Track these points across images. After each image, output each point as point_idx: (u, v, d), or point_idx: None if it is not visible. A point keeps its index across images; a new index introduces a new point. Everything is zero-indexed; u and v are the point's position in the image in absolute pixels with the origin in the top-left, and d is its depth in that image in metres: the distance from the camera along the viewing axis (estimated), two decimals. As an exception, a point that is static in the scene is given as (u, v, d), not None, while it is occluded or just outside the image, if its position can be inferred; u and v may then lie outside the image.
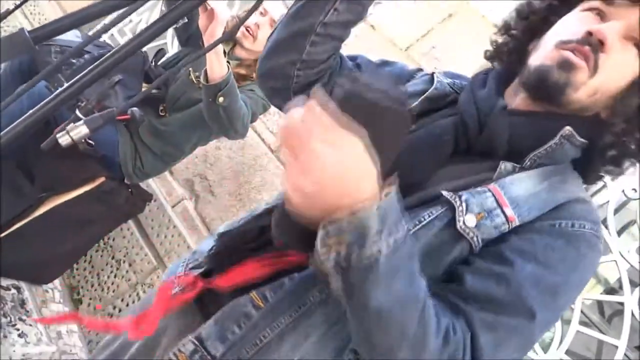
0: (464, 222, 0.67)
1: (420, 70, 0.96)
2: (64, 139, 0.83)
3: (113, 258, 2.27)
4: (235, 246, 0.77)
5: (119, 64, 0.43)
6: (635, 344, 1.73)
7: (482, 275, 0.66)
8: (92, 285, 2.25)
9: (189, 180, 2.32)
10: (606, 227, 1.78)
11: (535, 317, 0.64)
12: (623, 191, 1.83)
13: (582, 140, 0.75)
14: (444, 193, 0.70)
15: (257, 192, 2.19)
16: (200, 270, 0.79)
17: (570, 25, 0.76)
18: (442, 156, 0.75)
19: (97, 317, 2.14)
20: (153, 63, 2.05)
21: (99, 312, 2.16)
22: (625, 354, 1.63)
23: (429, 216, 0.69)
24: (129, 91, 1.83)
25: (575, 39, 0.72)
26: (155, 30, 0.44)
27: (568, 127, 0.74)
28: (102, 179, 1.88)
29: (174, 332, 0.79)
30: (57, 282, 2.24)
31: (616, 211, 1.88)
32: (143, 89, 1.91)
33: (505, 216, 0.68)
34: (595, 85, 0.73)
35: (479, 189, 0.71)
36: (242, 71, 1.99)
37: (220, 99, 1.66)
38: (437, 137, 0.77)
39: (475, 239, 0.68)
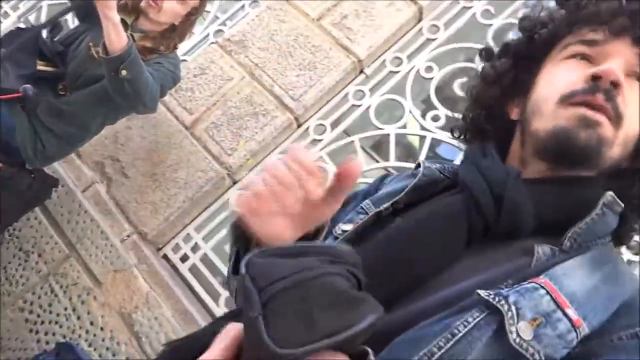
0: (517, 334, 0.49)
1: (388, 175, 0.84)
2: None
3: (20, 249, 2.12)
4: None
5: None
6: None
7: None
8: (-1, 280, 2.10)
9: (99, 163, 2.20)
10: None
11: None
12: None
13: (621, 205, 0.62)
14: (481, 293, 0.52)
15: (172, 170, 2.12)
16: None
17: (563, 76, 0.65)
18: (456, 246, 0.59)
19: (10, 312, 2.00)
20: (49, 39, 1.91)
21: (9, 307, 2.03)
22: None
23: (465, 327, 0.50)
24: (21, 69, 1.70)
25: (581, 89, 0.61)
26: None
27: (610, 193, 0.61)
28: (-1, 165, 1.75)
29: None
30: (-42, 279, 2.07)
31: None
32: (38, 67, 1.78)
33: (570, 320, 0.50)
34: (624, 136, 0.62)
35: (526, 284, 0.52)
36: (148, 44, 1.89)
37: (124, 72, 1.58)
38: (445, 221, 0.61)
39: (536, 355, 0.48)
